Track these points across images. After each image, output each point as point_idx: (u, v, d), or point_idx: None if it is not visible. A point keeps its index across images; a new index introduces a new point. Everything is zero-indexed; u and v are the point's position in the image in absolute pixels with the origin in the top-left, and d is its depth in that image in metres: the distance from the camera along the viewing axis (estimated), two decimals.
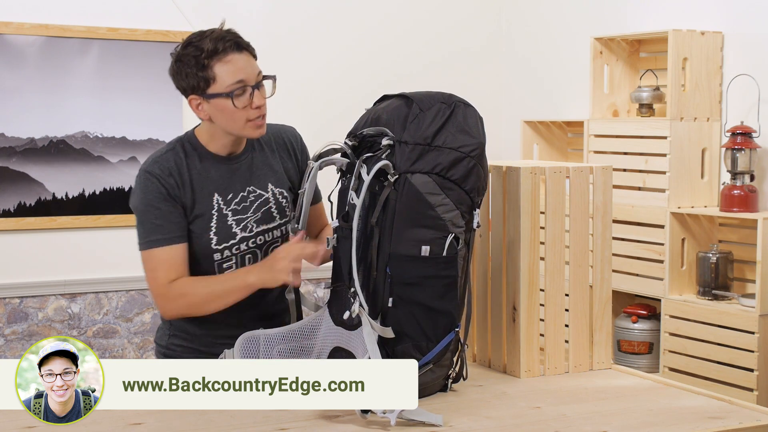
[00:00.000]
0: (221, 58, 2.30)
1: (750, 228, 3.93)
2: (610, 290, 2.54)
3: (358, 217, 2.10)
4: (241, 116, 2.33)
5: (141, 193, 2.40)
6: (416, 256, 2.14)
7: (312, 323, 2.29)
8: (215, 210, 2.41)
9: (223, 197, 2.42)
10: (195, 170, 2.40)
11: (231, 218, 2.42)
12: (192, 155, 2.41)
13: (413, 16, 5.23)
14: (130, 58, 4.60)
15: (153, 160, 2.41)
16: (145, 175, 2.39)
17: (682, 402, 2.24)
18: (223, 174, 2.42)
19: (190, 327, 2.47)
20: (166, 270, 2.36)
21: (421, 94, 2.24)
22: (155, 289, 2.39)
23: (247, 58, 2.34)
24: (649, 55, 4.51)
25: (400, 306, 2.14)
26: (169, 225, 2.37)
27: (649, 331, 4.19)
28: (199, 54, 2.30)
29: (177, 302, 2.37)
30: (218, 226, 2.40)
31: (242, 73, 2.31)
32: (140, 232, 2.41)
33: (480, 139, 2.21)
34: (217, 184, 2.41)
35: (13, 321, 4.48)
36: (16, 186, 4.45)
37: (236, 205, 2.42)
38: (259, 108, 2.34)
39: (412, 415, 2.00)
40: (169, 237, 2.36)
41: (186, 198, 2.38)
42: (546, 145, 4.95)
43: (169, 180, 2.37)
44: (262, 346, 2.23)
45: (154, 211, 2.37)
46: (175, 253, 2.37)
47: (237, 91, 2.31)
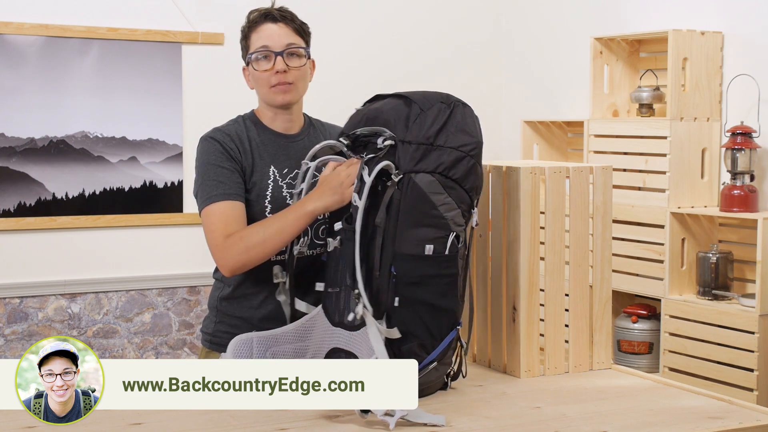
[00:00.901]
0: (255, 28, 2.48)
1: (750, 228, 3.93)
2: (610, 290, 2.54)
3: (362, 218, 2.10)
4: (265, 81, 2.45)
5: (203, 155, 2.44)
6: (420, 255, 2.15)
7: (305, 325, 2.28)
8: (271, 180, 2.45)
9: (279, 170, 2.46)
10: (254, 141, 2.47)
11: (285, 190, 2.46)
12: (251, 128, 2.50)
13: (413, 16, 5.23)
14: (130, 58, 4.59)
15: (214, 129, 2.49)
16: (206, 140, 2.46)
17: (682, 402, 2.24)
18: (279, 149, 2.48)
19: (237, 311, 2.48)
20: (224, 223, 2.36)
21: (418, 94, 2.25)
22: (213, 242, 2.37)
23: (281, 28, 2.47)
24: (649, 55, 4.51)
25: (406, 305, 2.14)
26: (230, 182, 2.40)
27: (649, 331, 4.19)
28: (245, 26, 2.51)
29: (235, 248, 2.33)
30: (273, 196, 2.44)
31: (267, 40, 2.45)
32: (201, 193, 2.42)
33: (478, 138, 2.24)
34: (273, 157, 2.47)
35: (13, 321, 4.48)
36: (16, 186, 4.45)
37: (291, 180, 2.46)
38: (280, 74, 2.43)
39: (414, 417, 2.00)
40: (228, 192, 2.39)
41: (246, 163, 2.44)
42: (546, 145, 4.95)
43: (230, 144, 2.44)
44: (255, 348, 2.23)
45: (215, 169, 2.41)
46: (233, 207, 2.38)
47: (259, 55, 2.44)
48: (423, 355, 2.17)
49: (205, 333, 2.56)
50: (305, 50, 2.49)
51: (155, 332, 4.73)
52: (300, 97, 2.50)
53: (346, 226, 2.15)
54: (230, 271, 2.37)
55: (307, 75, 2.51)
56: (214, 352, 2.49)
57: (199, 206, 2.43)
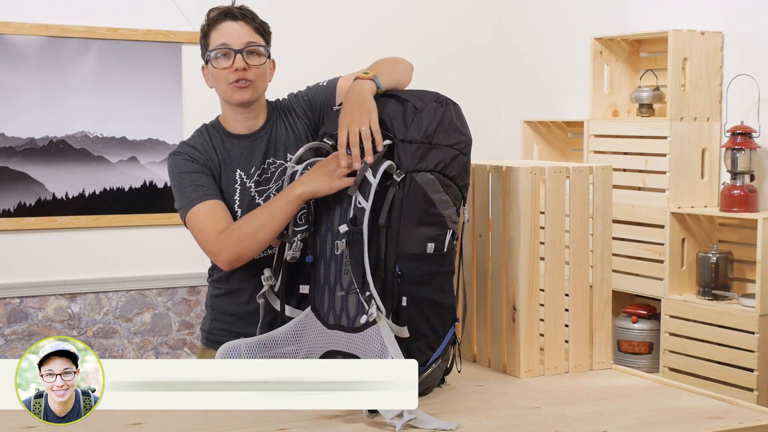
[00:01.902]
0: (215, 26, 2.46)
1: (750, 228, 3.93)
2: (610, 290, 2.54)
3: (368, 220, 2.09)
4: (223, 78, 2.43)
5: (175, 169, 2.45)
6: (423, 254, 2.15)
7: (294, 329, 2.27)
8: (238, 184, 2.45)
9: (245, 172, 2.46)
10: (219, 149, 2.47)
11: (254, 190, 2.46)
12: (215, 137, 2.49)
13: (413, 16, 5.23)
14: (130, 58, 4.59)
15: (181, 143, 2.50)
16: (173, 156, 2.47)
17: (682, 402, 2.24)
18: (244, 151, 2.48)
19: (230, 308, 2.49)
20: (213, 221, 2.35)
21: (408, 93, 2.25)
22: (206, 240, 2.36)
23: (241, 26, 2.46)
24: (649, 55, 4.51)
25: (411, 305, 2.14)
26: (207, 185, 2.41)
27: (649, 331, 4.19)
28: (204, 24, 2.50)
29: (229, 241, 2.33)
30: (242, 198, 2.44)
31: (227, 38, 2.43)
32: (181, 201, 2.42)
33: (469, 135, 2.26)
34: (239, 161, 2.47)
35: (13, 321, 4.48)
36: (16, 186, 4.45)
37: (258, 177, 2.46)
38: (239, 71, 2.41)
39: (424, 424, 1.99)
40: (209, 193, 2.39)
41: (214, 171, 2.45)
42: (546, 145, 4.95)
43: (197, 155, 2.45)
44: (243, 355, 2.23)
45: (190, 176, 2.41)
46: (218, 205, 2.39)
47: (218, 53, 2.43)
48: (429, 353, 2.18)
49: (203, 331, 2.59)
50: (265, 49, 2.47)
51: (155, 332, 4.73)
52: (259, 96, 2.48)
53: (352, 228, 2.12)
54: (228, 264, 2.36)
55: (266, 74, 2.49)
56: (210, 349, 2.50)
57: (183, 214, 2.42)
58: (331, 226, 2.23)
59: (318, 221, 2.27)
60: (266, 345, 2.25)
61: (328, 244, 2.24)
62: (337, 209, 2.22)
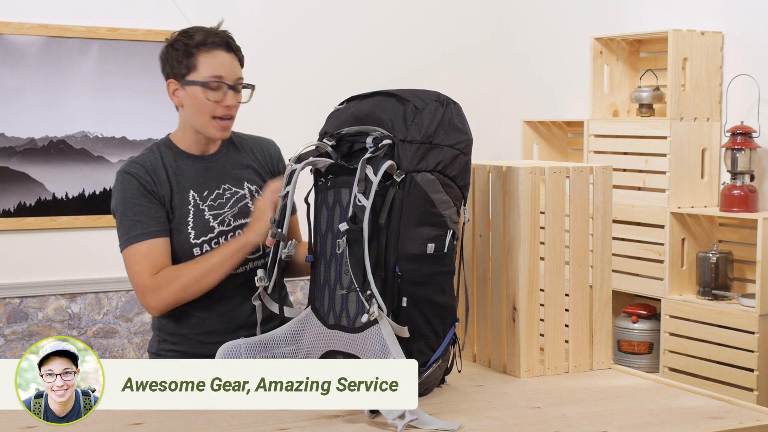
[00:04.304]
0: (208, 51, 2.41)
1: (750, 228, 3.93)
2: (610, 290, 2.54)
3: (368, 218, 2.09)
4: (208, 110, 2.42)
5: (119, 193, 2.44)
6: (423, 254, 2.15)
7: (294, 328, 2.27)
8: (191, 206, 2.45)
9: (198, 194, 2.46)
10: (170, 168, 2.46)
11: (208, 213, 2.46)
12: (167, 155, 2.48)
13: (413, 16, 5.23)
14: (130, 58, 4.59)
15: (130, 161, 2.48)
16: (122, 175, 2.45)
17: (682, 402, 2.24)
18: (197, 172, 2.47)
19: (179, 329, 2.48)
20: (149, 263, 2.38)
21: (408, 92, 2.24)
22: (139, 284, 2.40)
23: (232, 59, 2.44)
24: (649, 55, 4.51)
25: (412, 305, 2.14)
26: (149, 220, 2.40)
27: (649, 331, 4.19)
28: (189, 42, 2.42)
29: (169, 288, 2.37)
30: (195, 221, 2.44)
31: (222, 70, 2.41)
32: (120, 231, 2.43)
33: (469, 135, 2.25)
34: (191, 182, 2.46)
35: (13, 321, 4.48)
36: (16, 186, 4.45)
37: (212, 201, 2.46)
38: (229, 108, 2.42)
39: (426, 425, 1.99)
40: (148, 231, 2.39)
41: (164, 192, 2.43)
42: (546, 145, 4.95)
43: (145, 177, 2.42)
44: (243, 356, 2.22)
45: (132, 207, 2.40)
46: (155, 246, 2.39)
47: (213, 84, 2.40)
48: (429, 353, 2.18)
49: (150, 353, 2.57)
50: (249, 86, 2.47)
51: None
52: None
53: (353, 226, 2.12)
54: (161, 309, 2.41)
55: None
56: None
57: (120, 245, 2.43)
58: (331, 226, 2.22)
59: (318, 221, 2.27)
60: (266, 345, 2.25)
61: (328, 244, 2.23)
62: (337, 209, 2.22)
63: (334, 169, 2.22)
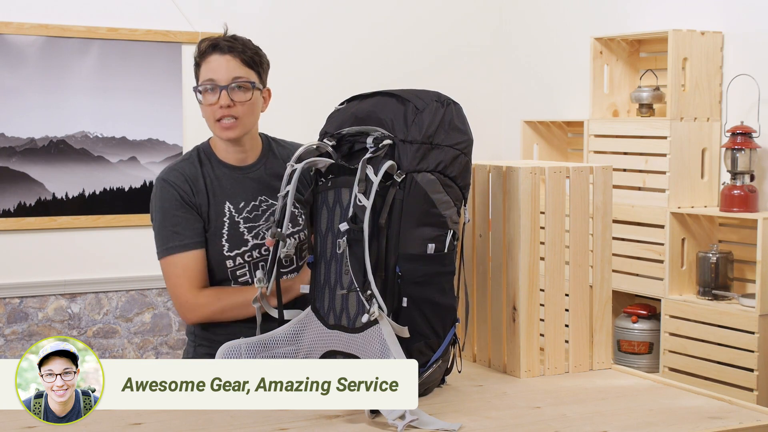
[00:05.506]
0: (204, 58, 2.45)
1: (750, 228, 3.93)
2: (610, 290, 2.54)
3: (369, 218, 2.09)
4: (210, 114, 2.45)
5: (158, 201, 2.46)
6: (423, 254, 2.15)
7: (294, 328, 2.27)
8: (227, 217, 2.46)
9: (234, 205, 2.47)
10: (209, 177, 2.47)
11: (243, 225, 2.46)
12: (206, 164, 2.49)
13: (413, 16, 5.24)
14: (130, 58, 4.60)
15: (169, 168, 2.49)
16: (161, 183, 2.46)
17: (682, 402, 2.24)
18: (234, 183, 2.48)
19: (214, 336, 2.49)
20: (186, 278, 2.42)
21: (408, 92, 2.24)
22: (179, 297, 2.44)
23: (228, 60, 2.43)
24: (649, 55, 4.51)
25: (412, 305, 2.14)
26: (186, 231, 2.42)
27: (649, 331, 4.19)
28: (195, 55, 2.48)
29: (207, 309, 2.44)
30: (230, 233, 2.45)
31: (213, 73, 2.42)
32: (158, 240, 2.46)
33: (470, 135, 2.25)
34: (228, 193, 2.47)
35: (13, 321, 4.48)
36: (16, 186, 4.45)
37: (248, 214, 2.47)
38: (225, 108, 2.41)
39: (427, 425, 1.99)
40: (186, 243, 2.42)
41: (201, 202, 2.45)
42: (546, 145, 4.95)
43: (184, 186, 2.44)
44: (244, 356, 2.22)
45: (171, 218, 2.43)
46: (193, 260, 2.42)
47: (204, 88, 2.42)
48: (429, 354, 2.17)
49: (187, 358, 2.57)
50: (252, 84, 2.44)
51: (155, 332, 4.73)
52: (247, 131, 2.47)
53: (353, 226, 2.11)
54: (198, 321, 2.47)
55: (255, 108, 2.47)
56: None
57: (159, 255, 2.46)
58: (332, 226, 2.22)
59: (318, 221, 2.27)
60: (266, 345, 2.25)
61: (328, 244, 2.23)
62: (337, 209, 2.22)
63: (335, 169, 2.22)
